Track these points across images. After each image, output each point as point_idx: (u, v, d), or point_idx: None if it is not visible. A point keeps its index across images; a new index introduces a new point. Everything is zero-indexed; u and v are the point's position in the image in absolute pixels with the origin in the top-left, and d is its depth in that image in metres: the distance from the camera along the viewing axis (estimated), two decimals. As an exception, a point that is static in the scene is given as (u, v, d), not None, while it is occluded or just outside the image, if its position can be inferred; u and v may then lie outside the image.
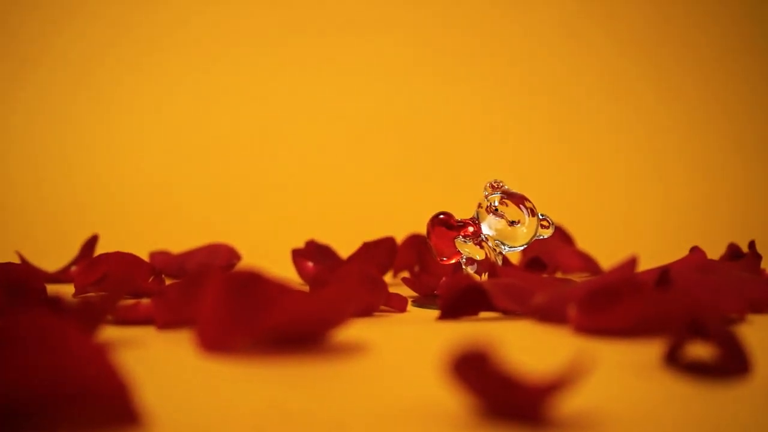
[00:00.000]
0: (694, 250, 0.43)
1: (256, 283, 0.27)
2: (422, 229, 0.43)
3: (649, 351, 0.28)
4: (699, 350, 0.27)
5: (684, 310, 0.26)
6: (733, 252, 0.48)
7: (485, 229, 0.41)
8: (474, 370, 0.20)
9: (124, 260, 0.43)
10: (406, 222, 0.62)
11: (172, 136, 0.90)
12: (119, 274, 0.42)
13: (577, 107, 0.95)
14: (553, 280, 0.41)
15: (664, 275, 0.35)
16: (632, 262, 0.51)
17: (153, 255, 0.56)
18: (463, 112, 0.94)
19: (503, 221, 0.41)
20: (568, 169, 0.91)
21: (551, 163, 0.91)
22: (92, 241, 0.54)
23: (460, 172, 0.90)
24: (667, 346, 0.25)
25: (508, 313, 0.37)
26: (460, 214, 0.42)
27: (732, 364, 0.25)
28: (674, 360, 0.25)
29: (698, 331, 0.26)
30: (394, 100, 0.93)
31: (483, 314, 0.37)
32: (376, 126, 0.92)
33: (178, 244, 0.62)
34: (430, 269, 0.52)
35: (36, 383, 0.20)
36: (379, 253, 0.51)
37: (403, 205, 0.84)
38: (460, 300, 0.36)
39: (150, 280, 0.43)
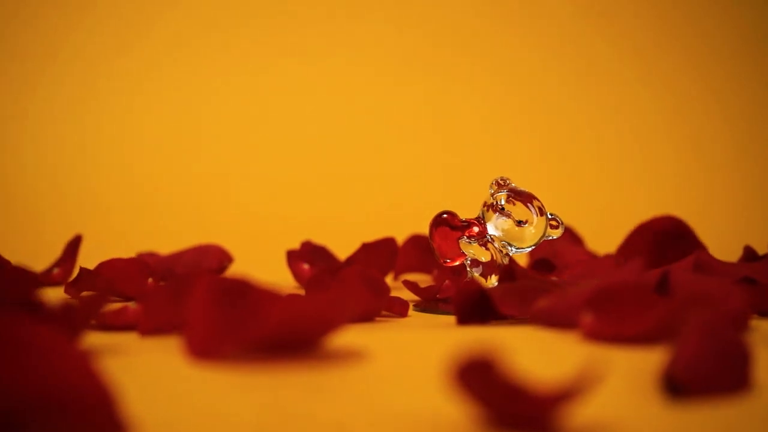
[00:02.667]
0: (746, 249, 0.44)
1: (247, 286, 0.27)
2: (424, 229, 0.43)
3: (663, 359, 0.28)
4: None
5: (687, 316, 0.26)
6: (749, 254, 0.48)
7: (491, 230, 0.41)
8: (479, 378, 0.20)
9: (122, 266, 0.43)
10: (407, 222, 0.62)
11: (161, 131, 0.90)
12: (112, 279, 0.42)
13: (586, 103, 0.95)
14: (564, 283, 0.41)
15: (664, 279, 0.35)
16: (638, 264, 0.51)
17: (140, 256, 0.56)
18: (467, 106, 0.94)
19: (510, 221, 0.41)
20: (577, 167, 0.91)
21: (560, 161, 0.92)
22: (76, 242, 0.54)
23: (464, 168, 0.90)
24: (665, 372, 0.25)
25: (513, 318, 0.37)
26: (464, 214, 0.42)
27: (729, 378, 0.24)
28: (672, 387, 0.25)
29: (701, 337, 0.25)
30: (395, 92, 0.93)
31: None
32: (375, 120, 0.92)
33: (166, 245, 0.62)
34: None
35: (14, 391, 0.20)
36: (379, 255, 0.51)
37: (405, 204, 0.84)
38: (475, 306, 0.36)
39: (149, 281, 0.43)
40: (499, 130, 0.93)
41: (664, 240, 0.49)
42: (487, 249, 0.41)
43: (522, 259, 0.60)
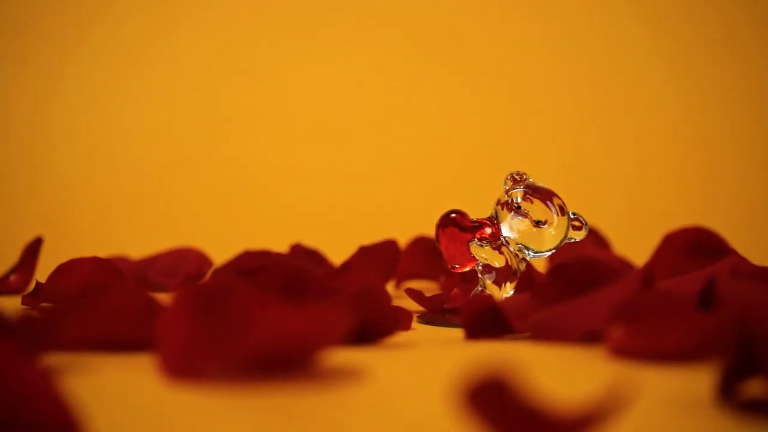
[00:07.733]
0: None
1: (230, 294, 0.27)
2: (430, 231, 0.43)
3: (700, 379, 0.28)
4: (756, 385, 0.27)
5: (736, 333, 0.26)
6: None
7: (506, 231, 0.41)
8: (492, 399, 0.20)
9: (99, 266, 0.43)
10: (410, 222, 0.62)
11: (141, 126, 0.90)
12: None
13: (603, 95, 0.95)
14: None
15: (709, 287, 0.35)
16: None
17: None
18: (478, 94, 0.94)
19: (527, 221, 0.41)
20: (602, 162, 0.91)
21: (582, 154, 0.92)
22: (35, 245, 0.54)
23: (475, 162, 0.90)
24: (720, 379, 0.25)
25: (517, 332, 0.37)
26: (475, 213, 0.42)
27: None
28: (729, 395, 0.25)
29: (752, 359, 0.25)
30: (397, 80, 0.93)
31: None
32: (375, 112, 0.92)
33: (139, 248, 0.62)
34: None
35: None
36: (379, 259, 0.51)
37: (407, 202, 0.84)
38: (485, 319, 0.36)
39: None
40: (513, 120, 0.93)
41: (695, 252, 0.49)
42: (501, 253, 0.41)
43: (540, 265, 0.60)
